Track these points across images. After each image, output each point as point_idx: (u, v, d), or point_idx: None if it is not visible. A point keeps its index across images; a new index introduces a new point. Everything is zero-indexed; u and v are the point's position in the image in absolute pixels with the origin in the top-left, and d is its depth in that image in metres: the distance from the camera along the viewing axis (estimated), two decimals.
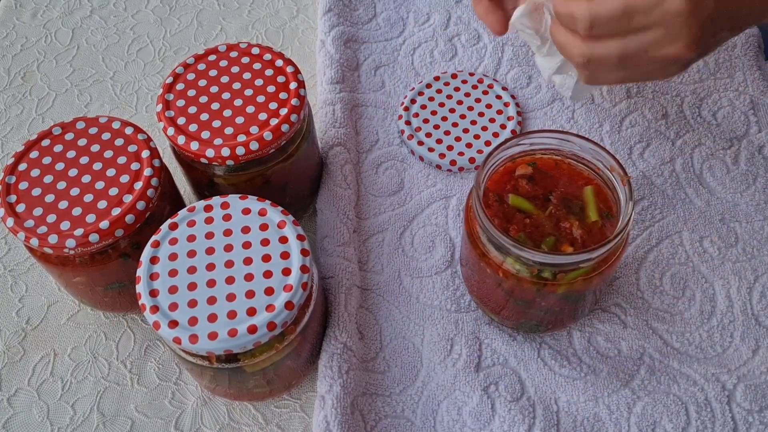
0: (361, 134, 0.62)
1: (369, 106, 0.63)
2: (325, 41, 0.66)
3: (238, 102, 0.50)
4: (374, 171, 0.60)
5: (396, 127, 0.62)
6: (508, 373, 0.49)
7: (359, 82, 0.65)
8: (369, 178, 0.59)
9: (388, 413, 0.48)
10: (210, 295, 0.41)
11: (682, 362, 0.49)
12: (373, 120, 0.62)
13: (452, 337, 0.50)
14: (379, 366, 0.50)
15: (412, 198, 0.58)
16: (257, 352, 0.42)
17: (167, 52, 0.70)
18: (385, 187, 0.59)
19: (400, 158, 0.60)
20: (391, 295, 0.53)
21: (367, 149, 0.61)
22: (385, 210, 0.57)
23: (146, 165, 0.47)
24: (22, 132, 0.65)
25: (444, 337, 0.50)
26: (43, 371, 0.51)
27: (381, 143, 0.61)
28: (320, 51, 0.66)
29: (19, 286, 0.55)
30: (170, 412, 0.49)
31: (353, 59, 0.66)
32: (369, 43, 0.68)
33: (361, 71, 0.66)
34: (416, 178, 0.59)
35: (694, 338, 0.50)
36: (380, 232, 0.56)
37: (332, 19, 0.67)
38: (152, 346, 0.52)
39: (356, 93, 0.64)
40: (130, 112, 0.66)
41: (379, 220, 0.57)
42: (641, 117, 0.60)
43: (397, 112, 0.63)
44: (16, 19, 0.73)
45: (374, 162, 0.60)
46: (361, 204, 0.58)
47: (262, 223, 0.44)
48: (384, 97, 0.64)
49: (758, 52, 0.64)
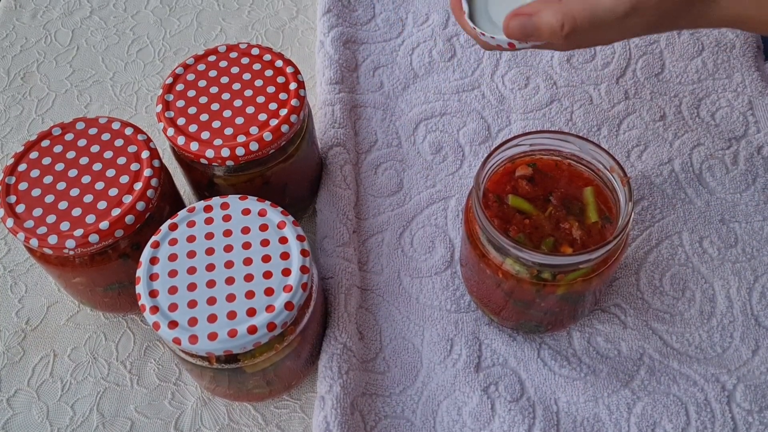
0: (360, 135, 0.62)
1: (368, 106, 0.63)
2: (324, 42, 0.66)
3: (238, 102, 0.50)
4: (373, 172, 0.60)
5: (394, 127, 0.62)
6: (507, 373, 0.49)
7: (358, 83, 0.65)
8: (368, 178, 0.59)
9: (388, 413, 0.48)
10: (210, 296, 0.41)
11: (682, 362, 0.49)
12: (371, 121, 0.62)
13: (452, 338, 0.50)
14: (379, 366, 0.50)
15: (411, 198, 0.58)
16: (257, 352, 0.42)
17: (167, 53, 0.70)
18: (384, 188, 0.59)
19: (399, 158, 0.60)
20: (391, 295, 0.53)
21: (366, 150, 0.61)
22: (385, 210, 0.57)
23: (146, 165, 0.47)
24: (21, 132, 0.65)
25: (444, 338, 0.50)
26: (43, 372, 0.51)
27: (380, 144, 0.61)
28: (319, 51, 0.66)
29: (18, 286, 0.55)
30: (170, 412, 0.49)
31: (352, 60, 0.66)
32: (368, 44, 0.68)
33: (360, 72, 0.66)
34: (415, 178, 0.59)
35: (694, 338, 0.50)
36: (380, 232, 0.56)
37: (331, 20, 0.67)
38: (152, 347, 0.52)
39: (355, 94, 0.64)
40: (129, 112, 0.66)
41: (378, 220, 0.57)
42: (639, 119, 0.60)
43: (396, 112, 0.63)
44: (15, 20, 0.73)
45: (373, 163, 0.60)
46: (361, 204, 0.58)
47: (262, 224, 0.44)
48: (383, 98, 0.64)
49: (757, 52, 0.64)
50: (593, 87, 0.62)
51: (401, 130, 0.62)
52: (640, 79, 0.63)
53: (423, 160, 0.60)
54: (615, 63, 0.64)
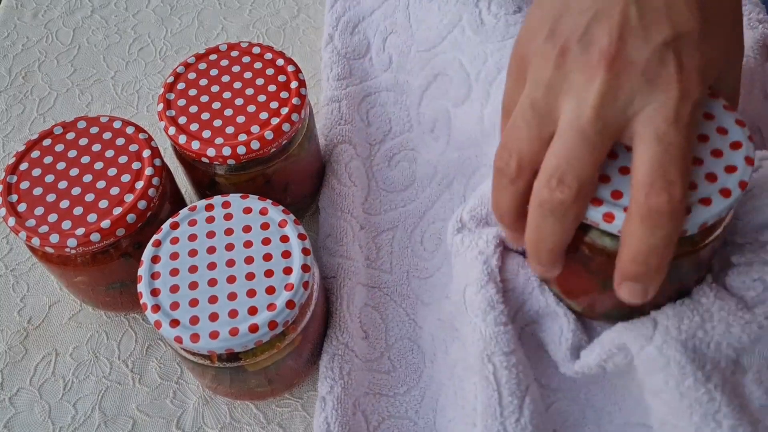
0: (372, 125, 0.61)
1: (381, 90, 0.62)
2: (333, 35, 0.65)
3: (239, 101, 0.50)
4: (386, 164, 0.59)
5: (405, 107, 0.60)
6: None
7: (371, 66, 0.63)
8: (381, 172, 0.58)
9: (392, 413, 0.48)
10: (211, 294, 0.41)
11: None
12: (385, 106, 0.61)
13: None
14: (384, 366, 0.49)
15: (424, 191, 0.57)
16: (258, 351, 0.42)
17: (168, 52, 0.70)
18: (396, 182, 0.58)
19: (411, 147, 0.59)
20: (399, 295, 0.53)
21: (379, 140, 0.60)
22: (396, 206, 0.57)
23: (147, 164, 0.47)
24: (23, 131, 0.65)
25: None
26: (45, 370, 0.51)
27: (393, 132, 0.60)
28: (327, 46, 0.65)
29: (20, 285, 0.55)
30: (172, 411, 0.49)
31: (363, 42, 0.65)
32: (375, 11, 0.64)
33: (372, 52, 0.64)
34: (428, 170, 0.58)
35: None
36: (391, 229, 0.56)
37: (338, 11, 0.66)
38: (153, 346, 0.52)
39: (367, 81, 0.63)
40: (131, 111, 0.66)
41: (389, 216, 0.56)
42: None
43: (406, 92, 0.61)
44: (17, 19, 0.73)
45: (387, 154, 0.59)
46: (372, 199, 0.57)
47: (264, 222, 0.44)
48: (392, 75, 0.62)
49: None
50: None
51: (411, 109, 0.60)
52: None
53: (433, 143, 0.58)
54: None
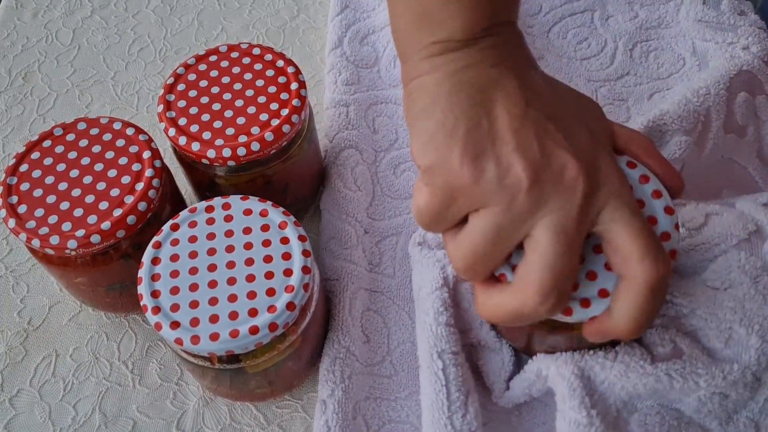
0: (379, 133, 0.61)
1: (389, 102, 0.62)
2: (342, 40, 0.65)
3: (239, 103, 0.50)
4: (392, 172, 0.59)
5: None
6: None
7: (379, 78, 0.63)
8: (386, 179, 0.58)
9: (393, 418, 0.47)
10: (211, 296, 0.41)
11: None
12: (393, 117, 0.61)
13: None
14: (385, 370, 0.49)
15: None
16: (259, 352, 0.42)
17: (168, 53, 0.70)
18: (402, 190, 0.58)
19: None
20: (402, 300, 0.52)
21: (385, 148, 0.60)
22: (401, 213, 0.56)
23: (147, 166, 0.47)
24: (23, 133, 0.65)
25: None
26: (45, 372, 0.51)
27: (400, 142, 0.60)
28: (334, 50, 0.64)
29: (20, 286, 0.55)
30: (172, 412, 0.49)
31: (372, 54, 0.65)
32: (387, 28, 0.64)
33: (380, 65, 0.64)
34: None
35: None
36: (395, 234, 0.55)
37: (348, 18, 0.66)
38: (154, 347, 0.52)
39: (375, 90, 0.63)
40: (131, 112, 0.66)
41: (394, 222, 0.56)
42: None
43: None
44: (17, 20, 0.73)
45: (392, 162, 0.59)
46: (377, 205, 0.57)
47: (264, 224, 0.44)
48: (400, 91, 0.62)
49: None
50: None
51: None
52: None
53: None
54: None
